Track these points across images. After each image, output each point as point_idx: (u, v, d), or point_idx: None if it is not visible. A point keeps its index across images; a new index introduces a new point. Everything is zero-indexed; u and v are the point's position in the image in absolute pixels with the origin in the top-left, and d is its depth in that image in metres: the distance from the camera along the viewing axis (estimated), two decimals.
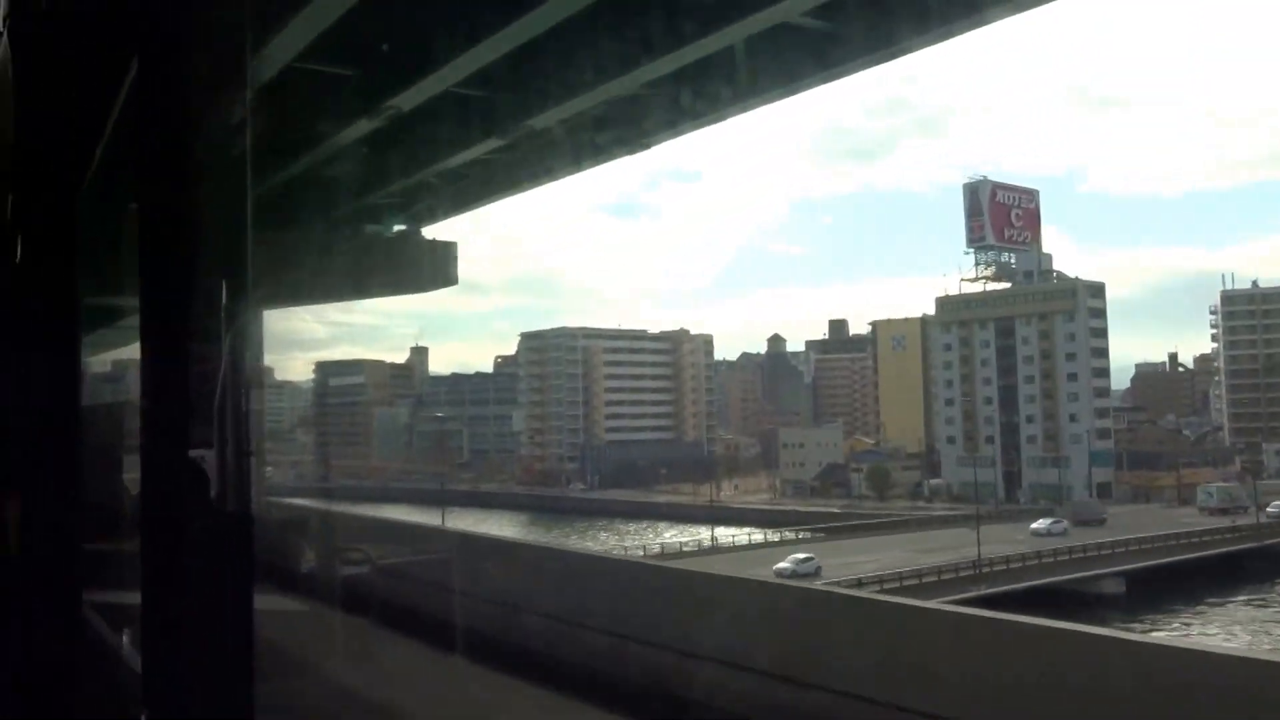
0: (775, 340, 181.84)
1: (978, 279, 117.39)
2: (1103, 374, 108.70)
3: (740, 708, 13.78)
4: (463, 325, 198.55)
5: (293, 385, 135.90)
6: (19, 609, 4.27)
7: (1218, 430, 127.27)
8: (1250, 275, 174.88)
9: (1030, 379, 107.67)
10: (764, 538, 71.47)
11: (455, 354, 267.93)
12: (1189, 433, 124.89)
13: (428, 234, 26.72)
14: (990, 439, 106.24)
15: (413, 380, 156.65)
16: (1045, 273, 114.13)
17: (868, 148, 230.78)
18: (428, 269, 27.02)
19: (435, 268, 27.19)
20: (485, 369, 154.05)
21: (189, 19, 2.13)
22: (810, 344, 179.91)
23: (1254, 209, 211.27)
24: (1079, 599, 52.21)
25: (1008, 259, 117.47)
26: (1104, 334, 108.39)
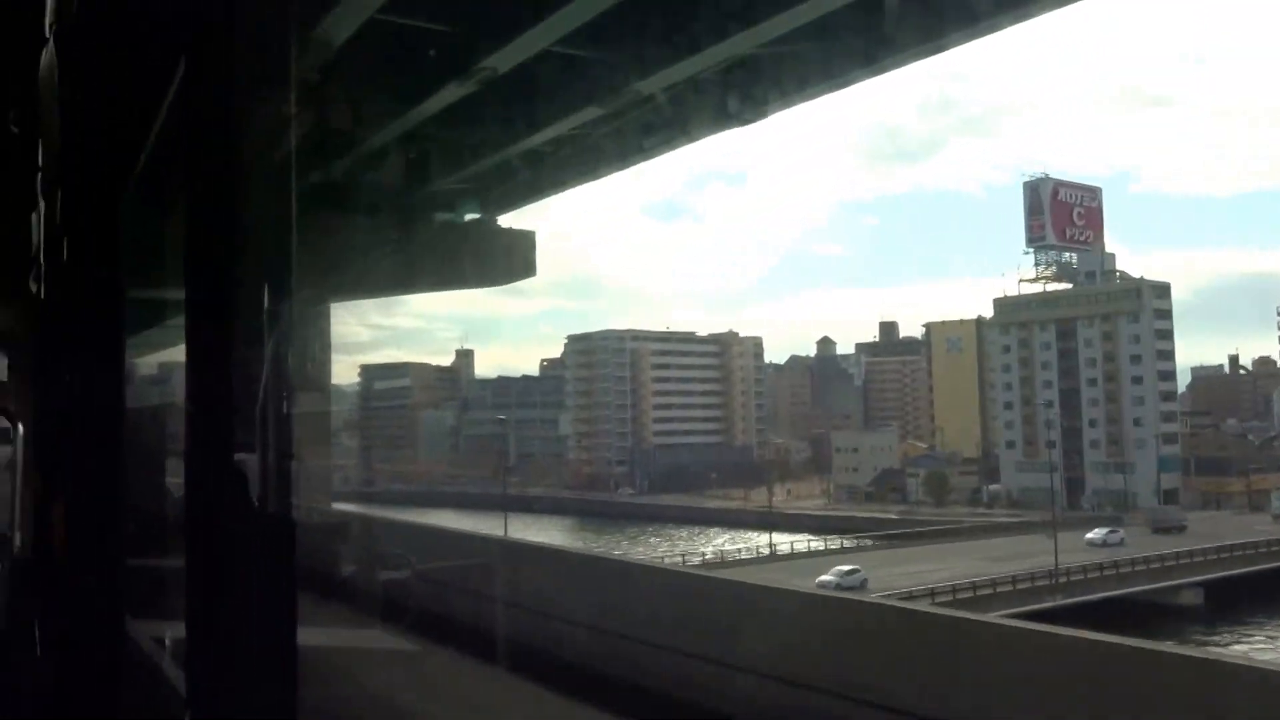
0: (825, 343, 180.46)
1: (1037, 279, 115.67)
2: (1168, 377, 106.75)
3: None
4: (506, 328, 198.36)
5: (338, 388, 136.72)
6: (64, 612, 4.41)
7: None
8: None
9: (1093, 382, 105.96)
10: (824, 545, 70.17)
11: (499, 357, 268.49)
12: (1253, 437, 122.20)
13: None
14: (1051, 443, 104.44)
15: (458, 383, 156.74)
16: (1108, 273, 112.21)
17: (914, 148, 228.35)
18: (505, 259, 25.75)
19: (514, 257, 25.94)
20: (529, 372, 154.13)
21: (237, 19, 2.14)
22: (860, 346, 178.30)
23: None
24: (1157, 611, 51.07)
25: (1068, 259, 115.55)
26: (1169, 335, 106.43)
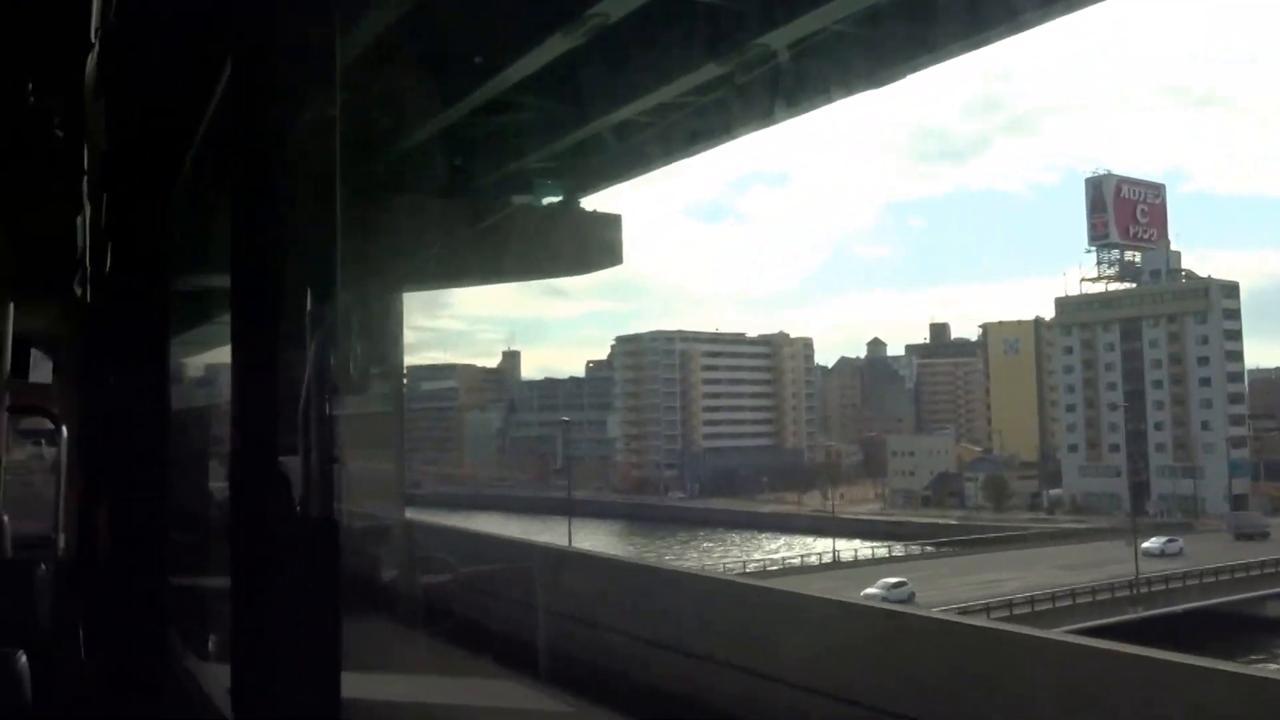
0: (875, 344, 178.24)
1: (1099, 279, 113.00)
2: (1236, 379, 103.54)
3: None
4: (549, 330, 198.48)
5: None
6: (108, 614, 4.55)
7: None
8: None
9: (1158, 384, 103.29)
10: (887, 551, 68.99)
11: (543, 359, 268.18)
12: None
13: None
14: (1115, 447, 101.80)
15: (505, 385, 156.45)
16: (1173, 271, 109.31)
17: (959, 148, 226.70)
18: (589, 245, 24.04)
19: (599, 245, 24.16)
20: (574, 374, 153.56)
21: (280, 19, 2.16)
22: (910, 348, 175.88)
23: None
24: (1243, 623, 49.09)
25: (1130, 258, 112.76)
26: (1237, 336, 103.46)
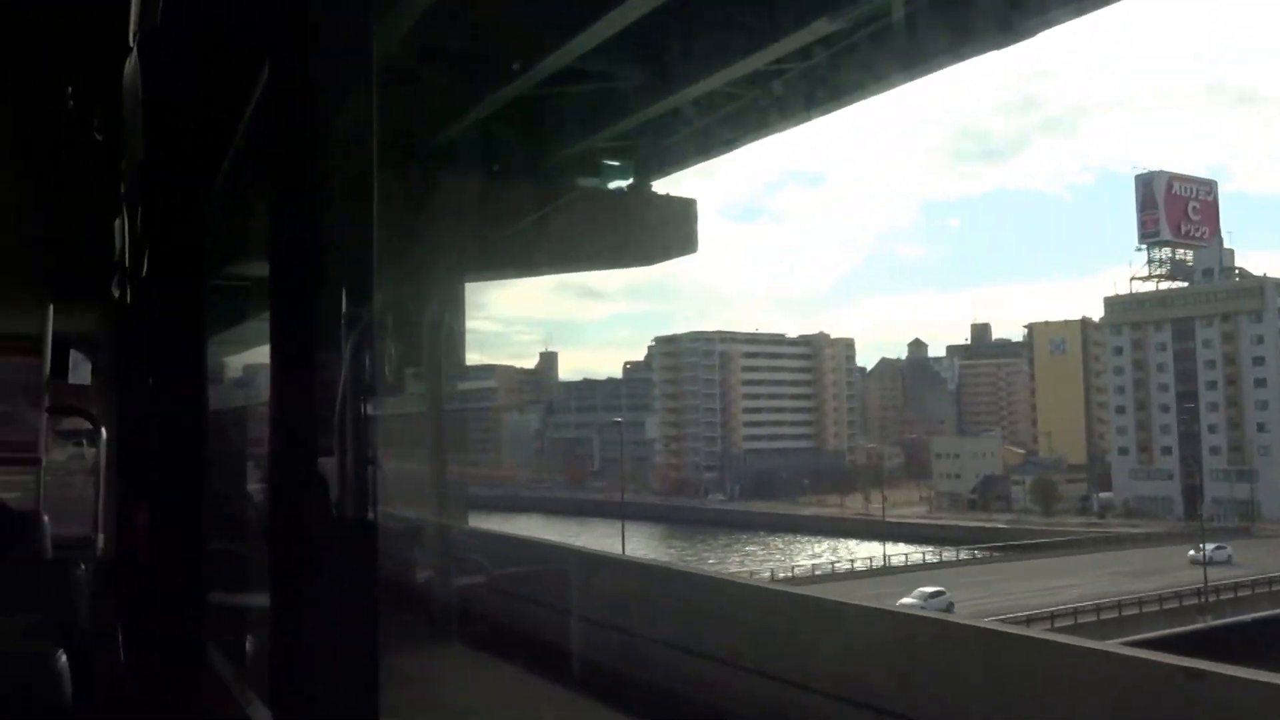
0: (916, 345, 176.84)
1: (1150, 277, 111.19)
2: None
3: None
4: (583, 331, 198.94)
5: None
6: (146, 615, 4.57)
7: None
8: None
9: (1212, 385, 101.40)
10: (938, 557, 68.02)
11: (578, 361, 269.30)
12: None
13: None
14: (1168, 450, 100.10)
15: (542, 386, 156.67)
16: (1227, 270, 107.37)
17: (997, 148, 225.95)
18: (662, 233, 22.49)
19: (673, 231, 22.61)
20: (609, 375, 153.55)
21: (318, 20, 2.15)
22: (951, 349, 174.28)
23: None
24: None
25: (1182, 256, 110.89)
26: None
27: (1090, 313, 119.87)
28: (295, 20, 2.20)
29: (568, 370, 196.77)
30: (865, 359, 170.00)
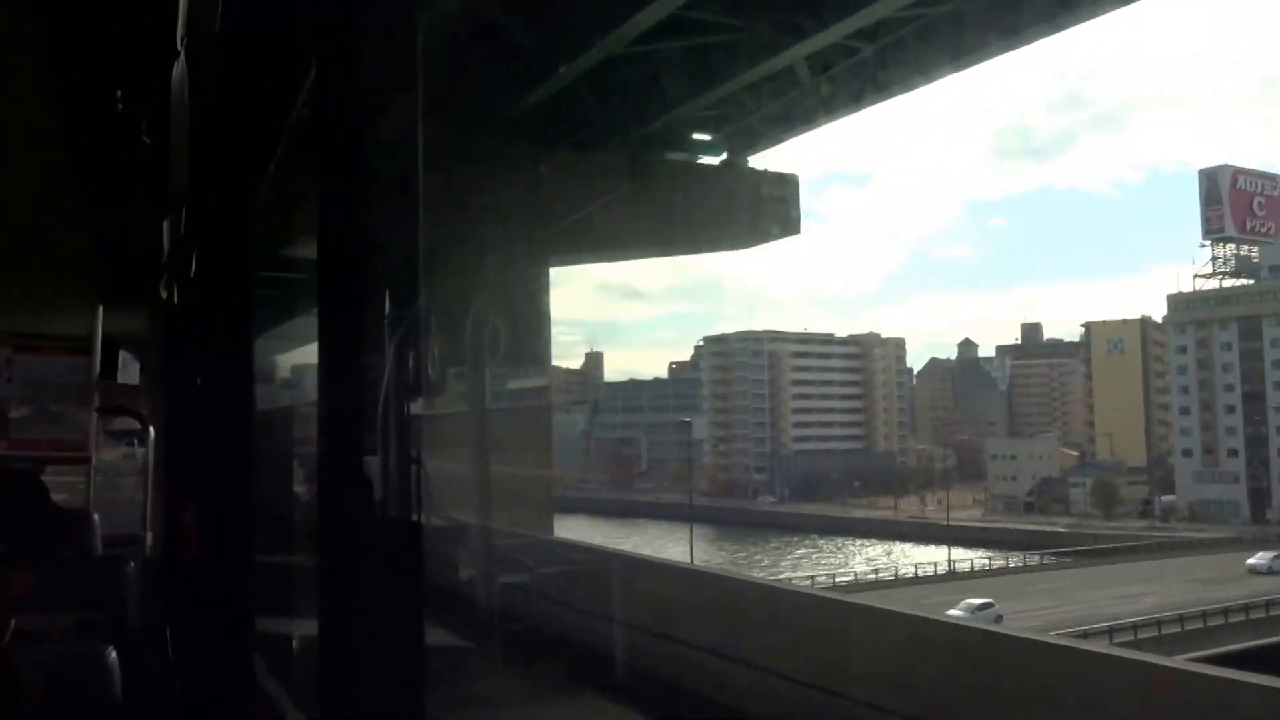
0: (966, 345, 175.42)
1: (1214, 274, 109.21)
2: None
3: None
4: (626, 332, 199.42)
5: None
6: (194, 614, 4.68)
7: None
8: None
9: None
10: (1005, 562, 66.35)
11: (621, 361, 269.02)
12: None
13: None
14: (1233, 452, 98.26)
15: (588, 386, 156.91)
16: None
17: (1043, 146, 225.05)
18: (762, 212, 20.65)
19: (772, 211, 20.72)
20: (653, 376, 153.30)
21: (364, 21, 2.17)
22: (1001, 349, 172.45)
23: None
24: None
25: (1247, 252, 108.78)
26: None
27: (1144, 312, 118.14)
28: (343, 22, 2.22)
29: (612, 371, 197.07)
30: (912, 359, 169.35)
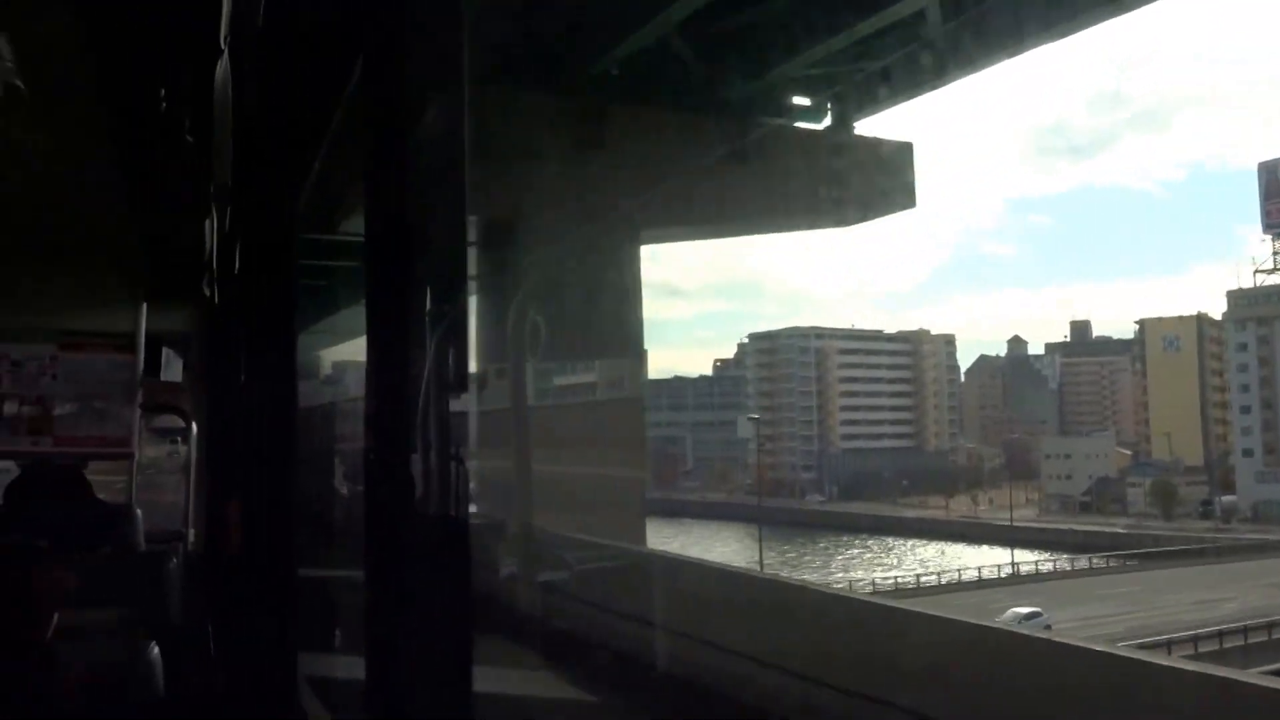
0: (1015, 342, 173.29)
1: (1276, 269, 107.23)
2: None
3: None
4: (666, 331, 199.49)
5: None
6: (237, 611, 4.74)
7: None
8: None
9: None
10: (1070, 564, 64.75)
11: (662, 360, 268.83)
12: None
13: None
14: None
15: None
16: None
17: (1085, 144, 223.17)
18: (875, 183, 18.76)
19: (886, 182, 18.76)
20: (694, 374, 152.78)
21: (411, 17, 2.17)
22: (1050, 346, 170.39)
23: None
24: None
25: None
26: None
27: (1192, 309, 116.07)
28: (389, 16, 2.22)
29: (654, 369, 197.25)
30: (959, 358, 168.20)
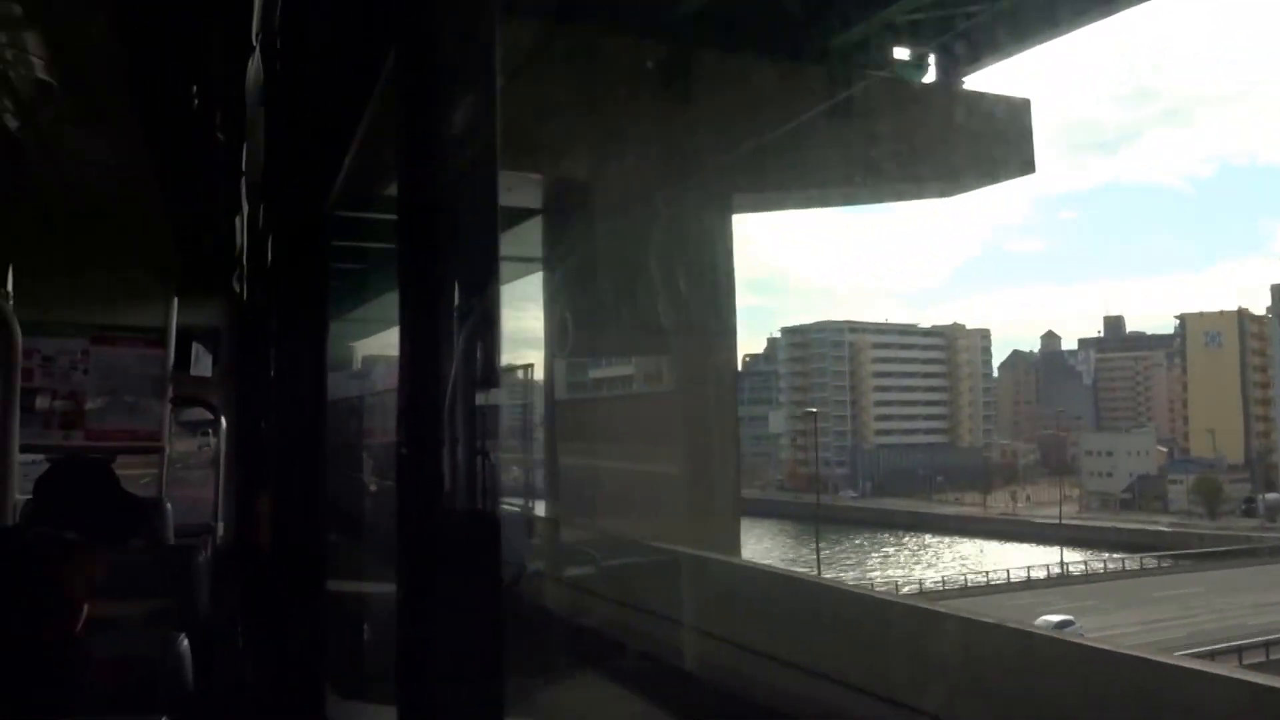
0: (1049, 337, 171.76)
1: None
2: None
3: None
4: None
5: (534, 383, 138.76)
6: (267, 606, 4.78)
7: None
8: None
9: None
10: (1122, 564, 63.07)
11: None
12: None
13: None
14: None
15: None
16: None
17: (1111, 140, 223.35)
18: (988, 147, 16.37)
19: (1001, 148, 16.35)
20: None
21: (443, 8, 2.19)
22: (1084, 342, 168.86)
23: None
24: None
25: None
26: None
27: (1217, 305, 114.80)
28: (419, 9, 2.23)
29: None
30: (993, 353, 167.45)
